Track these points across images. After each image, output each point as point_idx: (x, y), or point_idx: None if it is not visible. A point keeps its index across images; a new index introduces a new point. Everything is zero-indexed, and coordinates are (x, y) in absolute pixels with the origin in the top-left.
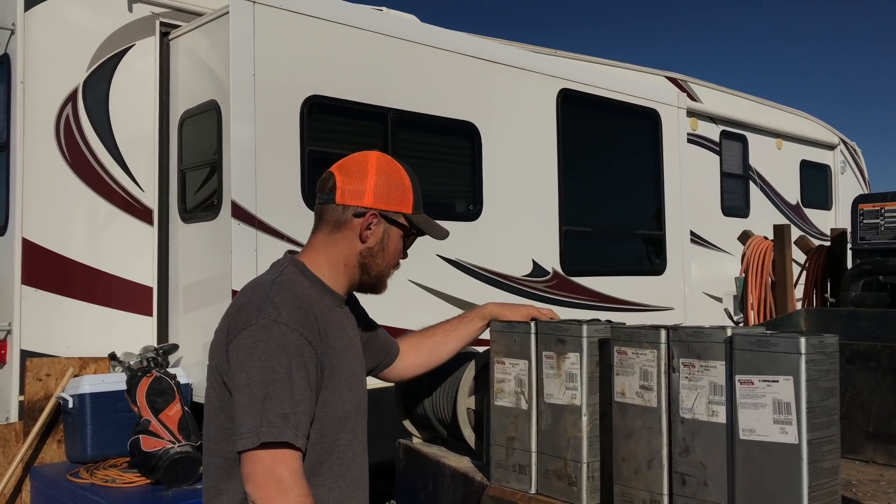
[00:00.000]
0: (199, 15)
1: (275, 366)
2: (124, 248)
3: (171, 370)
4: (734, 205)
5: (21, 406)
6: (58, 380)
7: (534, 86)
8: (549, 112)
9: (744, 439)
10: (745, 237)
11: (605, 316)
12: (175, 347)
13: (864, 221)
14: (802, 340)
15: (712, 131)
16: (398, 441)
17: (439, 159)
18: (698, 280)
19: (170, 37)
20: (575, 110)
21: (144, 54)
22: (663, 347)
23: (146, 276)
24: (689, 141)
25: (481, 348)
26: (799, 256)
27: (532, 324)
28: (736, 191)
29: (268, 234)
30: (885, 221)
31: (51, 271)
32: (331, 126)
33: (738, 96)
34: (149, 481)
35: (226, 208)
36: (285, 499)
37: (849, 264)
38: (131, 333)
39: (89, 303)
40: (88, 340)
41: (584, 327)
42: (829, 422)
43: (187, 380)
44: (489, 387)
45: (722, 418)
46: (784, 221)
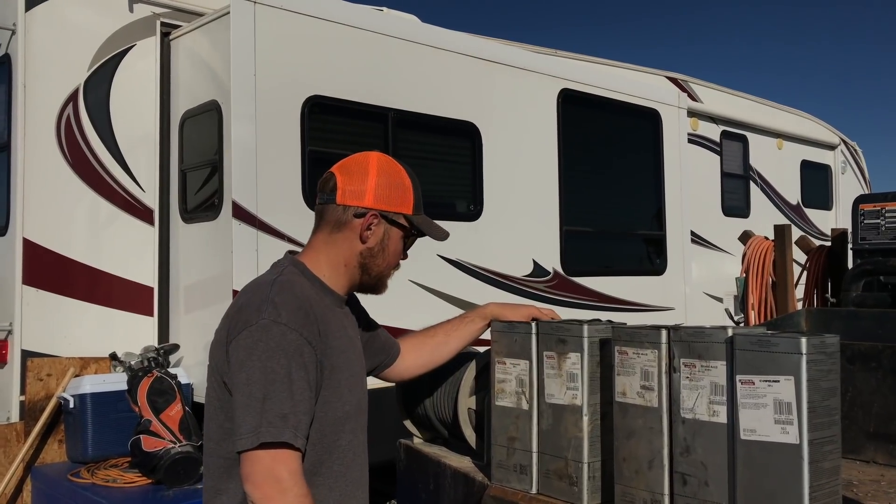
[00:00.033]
0: (199, 15)
1: (274, 366)
2: (125, 249)
3: (171, 370)
4: (735, 205)
5: (22, 406)
6: (59, 380)
7: (534, 86)
8: (550, 112)
9: (745, 439)
10: (745, 237)
11: (605, 316)
12: (176, 347)
13: (865, 221)
14: (803, 340)
15: (713, 131)
16: (399, 441)
17: (440, 159)
18: (699, 280)
19: (171, 37)
20: (575, 110)
21: (145, 54)
22: (664, 347)
23: (147, 276)
24: (690, 141)
25: (482, 348)
26: (800, 256)
27: (533, 324)
28: (736, 191)
29: (268, 234)
30: (886, 221)
31: (52, 271)
32: (331, 126)
33: (739, 96)
34: (150, 481)
35: (227, 208)
36: (284, 499)
37: (849, 264)
38: (132, 333)
39: (90, 303)
40: (89, 340)
41: (586, 327)
42: (830, 422)
43: (188, 380)
44: (490, 387)
45: (723, 418)
46: (785, 221)
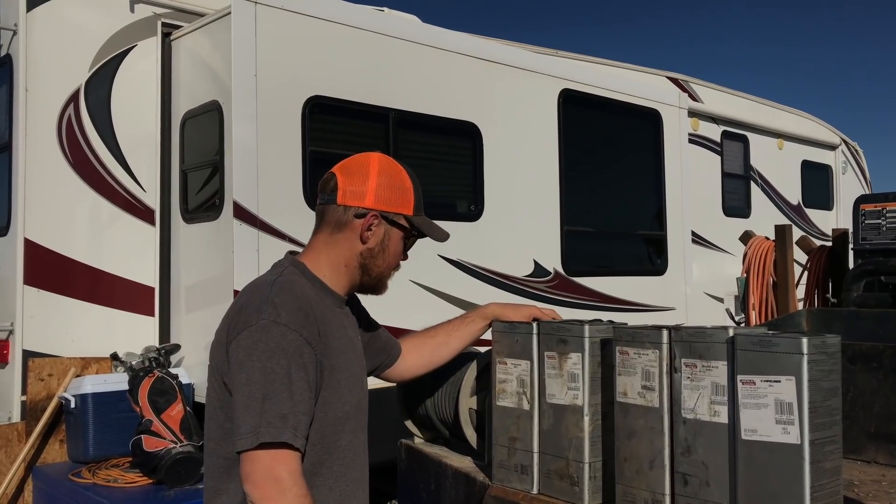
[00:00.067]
0: (200, 15)
1: (274, 366)
2: (126, 249)
3: (172, 370)
4: (735, 205)
5: (23, 406)
6: (60, 380)
7: (535, 86)
8: (551, 112)
9: (746, 439)
10: (746, 237)
11: (606, 316)
12: (177, 347)
13: (866, 222)
14: (804, 341)
15: (713, 131)
16: (400, 441)
17: (441, 160)
18: (700, 280)
19: (171, 37)
20: (576, 110)
21: (146, 55)
22: (665, 348)
23: (148, 276)
24: (691, 141)
25: (483, 349)
26: (800, 257)
27: (534, 324)
28: (737, 191)
29: (269, 234)
30: (887, 222)
31: (53, 271)
32: (332, 126)
33: (740, 96)
34: (151, 481)
35: (227, 209)
36: (284, 499)
37: (850, 265)
38: (133, 333)
39: (91, 303)
40: (90, 340)
41: (587, 327)
42: (831, 422)
43: (189, 380)
44: (491, 387)
45: (724, 418)
46: (785, 222)
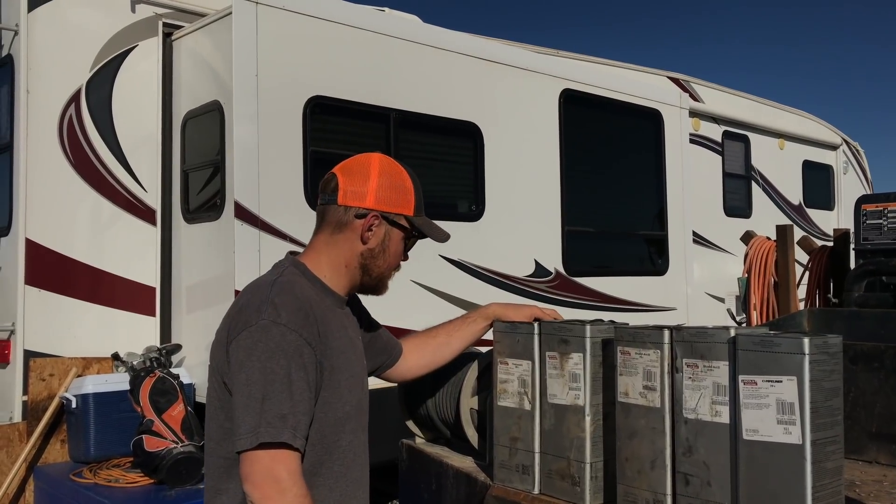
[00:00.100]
0: (201, 15)
1: (274, 366)
2: (127, 249)
3: (174, 370)
4: (736, 205)
5: (24, 406)
6: (61, 380)
7: (536, 86)
8: (552, 112)
9: (747, 439)
10: (747, 237)
11: (607, 316)
12: (178, 347)
13: (867, 222)
14: (806, 341)
15: (714, 131)
16: (401, 441)
17: (441, 160)
18: (701, 280)
19: (173, 37)
20: (577, 110)
21: (147, 55)
22: (666, 348)
23: (149, 276)
24: (692, 141)
25: (484, 348)
26: (802, 257)
27: (535, 324)
28: (738, 191)
29: (270, 234)
30: (888, 222)
31: (54, 271)
32: (333, 126)
33: (741, 96)
34: (152, 481)
35: (229, 209)
36: (283, 499)
37: (852, 265)
38: (134, 333)
39: (92, 303)
40: (91, 340)
41: (588, 328)
42: (832, 422)
43: (190, 380)
44: (492, 387)
45: (725, 418)
46: (787, 222)
